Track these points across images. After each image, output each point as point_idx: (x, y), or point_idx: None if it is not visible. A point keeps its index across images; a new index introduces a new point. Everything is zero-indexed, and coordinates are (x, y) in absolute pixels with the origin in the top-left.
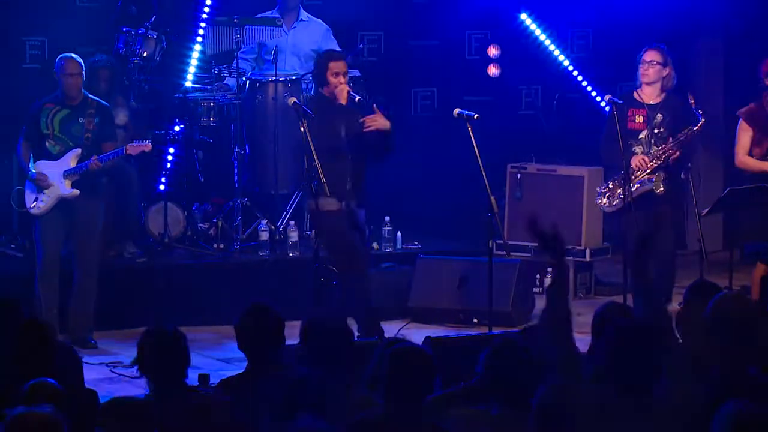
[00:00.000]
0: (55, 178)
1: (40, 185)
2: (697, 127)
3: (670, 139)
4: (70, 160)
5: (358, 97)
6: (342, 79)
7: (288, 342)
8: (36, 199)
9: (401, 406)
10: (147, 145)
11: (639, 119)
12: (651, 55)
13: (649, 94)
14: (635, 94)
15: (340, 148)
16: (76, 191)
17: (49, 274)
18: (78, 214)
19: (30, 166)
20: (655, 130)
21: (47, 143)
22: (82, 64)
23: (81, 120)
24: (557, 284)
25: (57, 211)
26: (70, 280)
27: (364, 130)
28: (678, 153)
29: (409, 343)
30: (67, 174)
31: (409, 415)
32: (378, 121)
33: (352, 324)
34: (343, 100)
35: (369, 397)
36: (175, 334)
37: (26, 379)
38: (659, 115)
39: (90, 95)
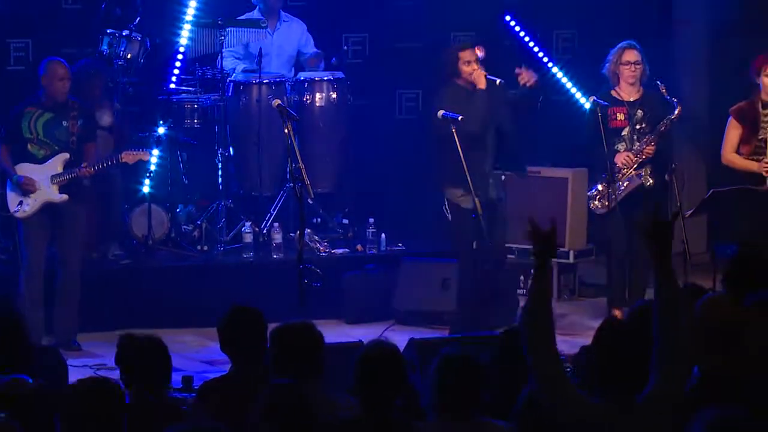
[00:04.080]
0: (43, 182)
1: (28, 189)
2: (674, 116)
3: (654, 132)
4: (58, 164)
5: (498, 80)
6: (475, 66)
7: None
8: (20, 203)
9: (372, 407)
10: (145, 154)
11: (620, 117)
12: (634, 55)
13: (628, 92)
14: (613, 93)
15: (483, 134)
16: (66, 196)
17: (34, 276)
18: (62, 216)
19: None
20: (637, 126)
21: (30, 147)
22: (69, 67)
23: (65, 123)
24: (540, 287)
25: (41, 213)
26: (53, 282)
27: (527, 84)
28: (653, 147)
29: (378, 344)
30: (56, 178)
31: (379, 416)
32: (530, 74)
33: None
34: (482, 85)
35: (335, 401)
36: (154, 342)
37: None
38: (639, 111)
39: (70, 97)
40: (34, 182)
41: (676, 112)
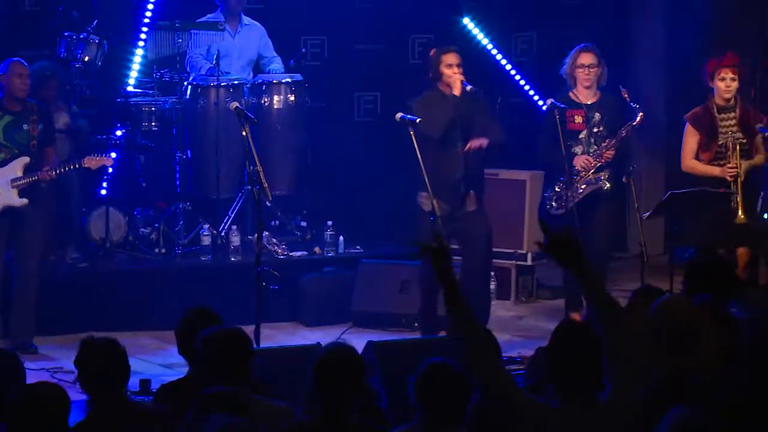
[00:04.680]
0: (2, 186)
1: None
2: (636, 122)
3: (613, 136)
4: (17, 168)
5: (470, 86)
6: (456, 70)
7: None
8: None
9: (330, 410)
10: (108, 159)
11: (578, 119)
12: (589, 59)
13: (586, 95)
14: (571, 95)
15: (449, 142)
16: (26, 200)
17: None
18: (21, 220)
19: None
20: (595, 129)
21: None
22: (28, 66)
23: (26, 127)
24: (457, 308)
25: (0, 218)
26: (10, 285)
27: (466, 151)
28: (612, 152)
29: (336, 346)
30: (15, 182)
31: (338, 418)
32: (474, 144)
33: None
34: (457, 91)
35: (268, 403)
36: (114, 347)
37: None
38: (597, 114)
39: (29, 99)
40: None
41: (638, 118)
